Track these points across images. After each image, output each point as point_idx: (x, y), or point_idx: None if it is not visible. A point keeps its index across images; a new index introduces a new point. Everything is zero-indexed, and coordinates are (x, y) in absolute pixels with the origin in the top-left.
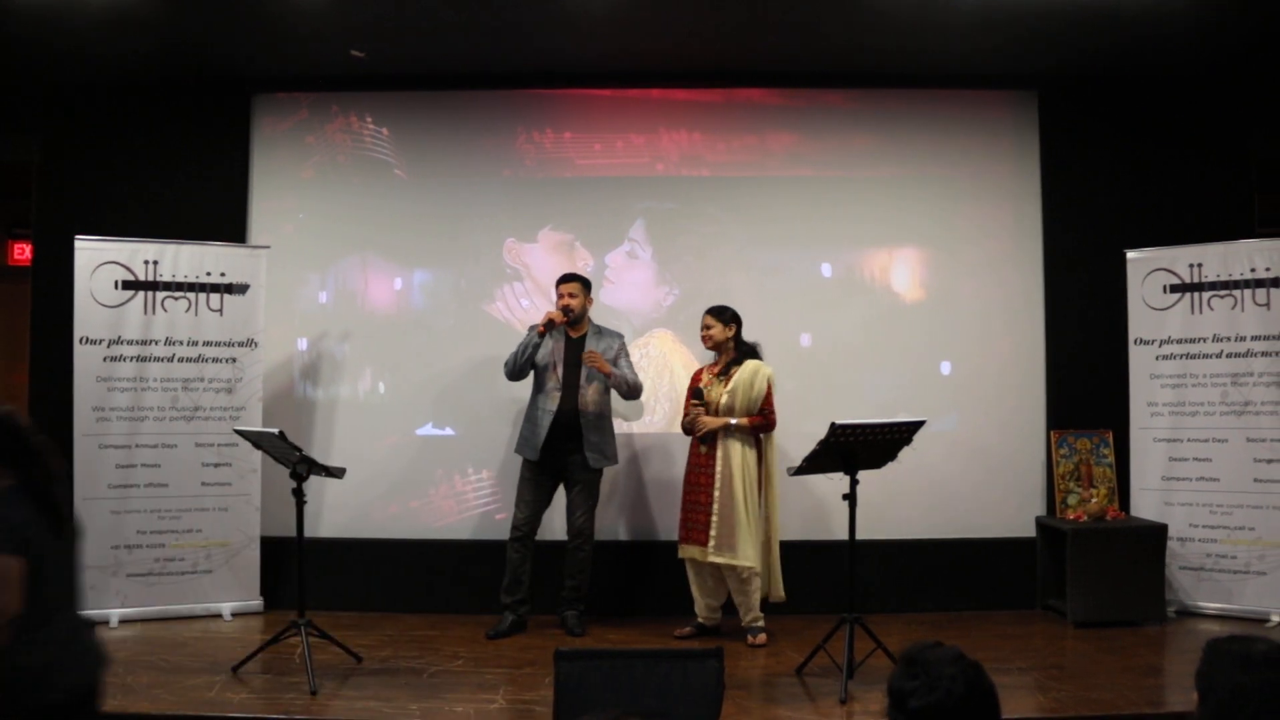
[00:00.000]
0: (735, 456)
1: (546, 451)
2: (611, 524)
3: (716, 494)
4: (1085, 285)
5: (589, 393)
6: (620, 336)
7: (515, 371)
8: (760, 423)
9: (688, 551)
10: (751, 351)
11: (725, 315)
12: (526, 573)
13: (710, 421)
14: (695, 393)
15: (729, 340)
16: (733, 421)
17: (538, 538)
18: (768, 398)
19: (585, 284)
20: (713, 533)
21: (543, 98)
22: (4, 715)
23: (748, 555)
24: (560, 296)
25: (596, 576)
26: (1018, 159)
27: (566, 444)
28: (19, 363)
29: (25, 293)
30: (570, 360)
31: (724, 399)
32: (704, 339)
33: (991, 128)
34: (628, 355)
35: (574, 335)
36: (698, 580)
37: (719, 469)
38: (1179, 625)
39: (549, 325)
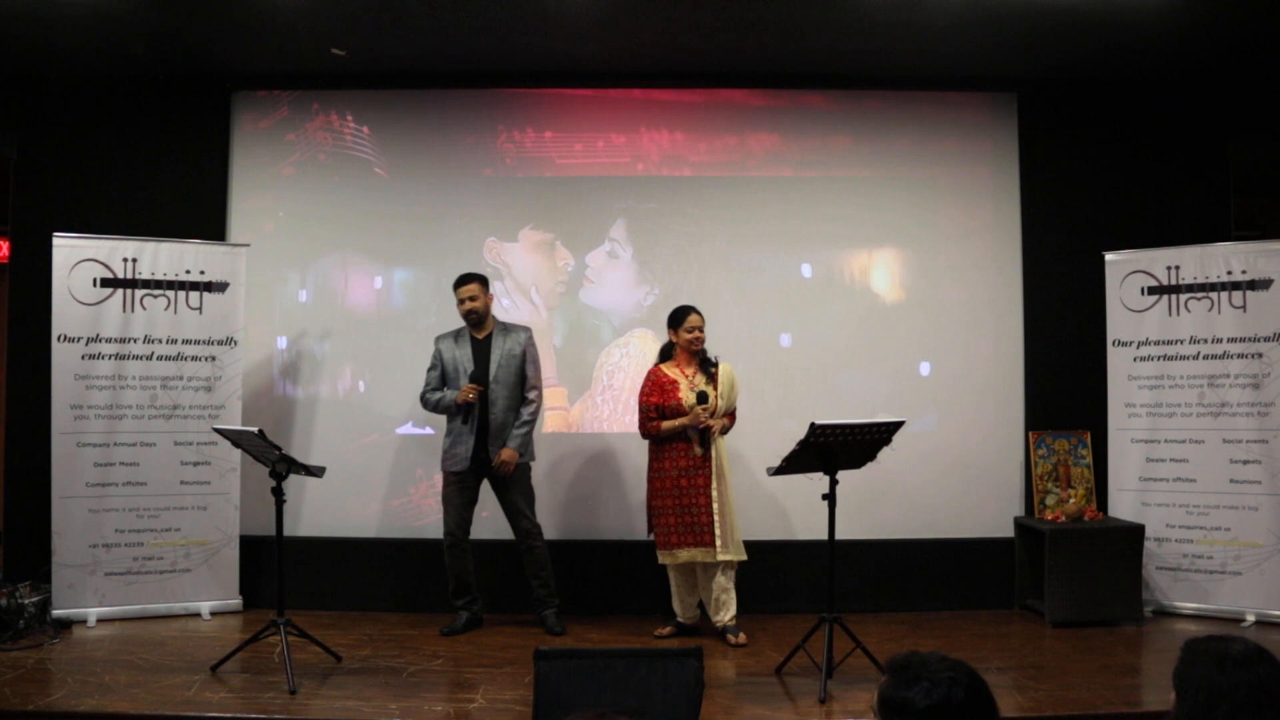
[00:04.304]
0: (724, 456)
1: (473, 458)
2: (592, 523)
3: (715, 493)
4: (1064, 287)
5: (499, 394)
6: (527, 330)
7: (431, 410)
8: (732, 423)
9: (688, 555)
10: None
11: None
12: (470, 574)
13: (718, 424)
14: (701, 396)
15: None
16: (726, 422)
17: (502, 540)
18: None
19: (484, 282)
20: (717, 531)
21: (524, 97)
22: None
23: (741, 550)
24: (461, 303)
25: (577, 576)
26: (996, 161)
27: (484, 446)
28: None
29: (2, 290)
30: (479, 361)
31: (720, 402)
32: (696, 340)
33: (971, 129)
34: (534, 349)
35: (479, 336)
36: (680, 581)
37: (714, 469)
38: (1156, 625)
39: (467, 406)
